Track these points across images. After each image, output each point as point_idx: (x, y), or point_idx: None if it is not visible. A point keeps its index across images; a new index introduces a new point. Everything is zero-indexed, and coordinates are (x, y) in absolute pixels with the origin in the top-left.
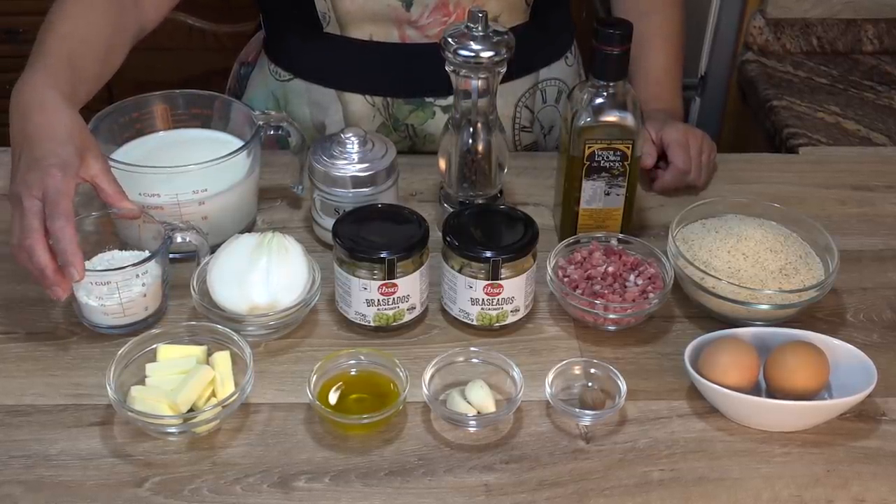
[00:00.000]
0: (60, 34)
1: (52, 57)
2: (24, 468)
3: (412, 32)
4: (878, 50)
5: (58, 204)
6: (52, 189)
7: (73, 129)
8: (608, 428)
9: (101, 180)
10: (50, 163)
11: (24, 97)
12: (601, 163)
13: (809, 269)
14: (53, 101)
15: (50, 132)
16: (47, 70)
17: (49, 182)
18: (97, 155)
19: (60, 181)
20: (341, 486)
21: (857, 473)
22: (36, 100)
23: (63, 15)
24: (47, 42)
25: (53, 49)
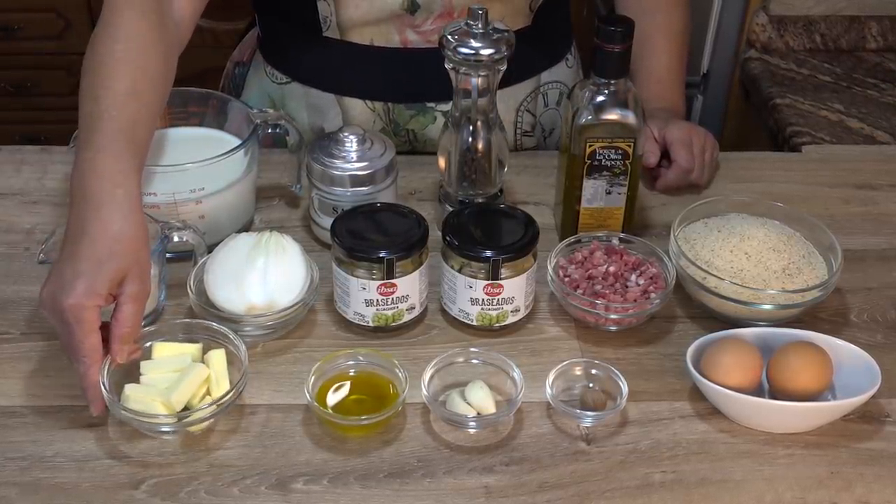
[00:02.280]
0: (121, 94)
1: (116, 131)
2: (19, 470)
3: (414, 37)
4: (882, 47)
5: (79, 345)
6: (72, 320)
7: (126, 242)
8: (609, 429)
9: (123, 307)
10: (79, 271)
11: (90, 184)
12: (602, 161)
13: (813, 268)
14: (119, 202)
15: (101, 242)
16: (115, 152)
17: (71, 311)
18: (138, 275)
19: (83, 310)
20: (340, 487)
21: (861, 475)
22: (104, 192)
23: (118, 62)
24: (105, 104)
25: (116, 118)
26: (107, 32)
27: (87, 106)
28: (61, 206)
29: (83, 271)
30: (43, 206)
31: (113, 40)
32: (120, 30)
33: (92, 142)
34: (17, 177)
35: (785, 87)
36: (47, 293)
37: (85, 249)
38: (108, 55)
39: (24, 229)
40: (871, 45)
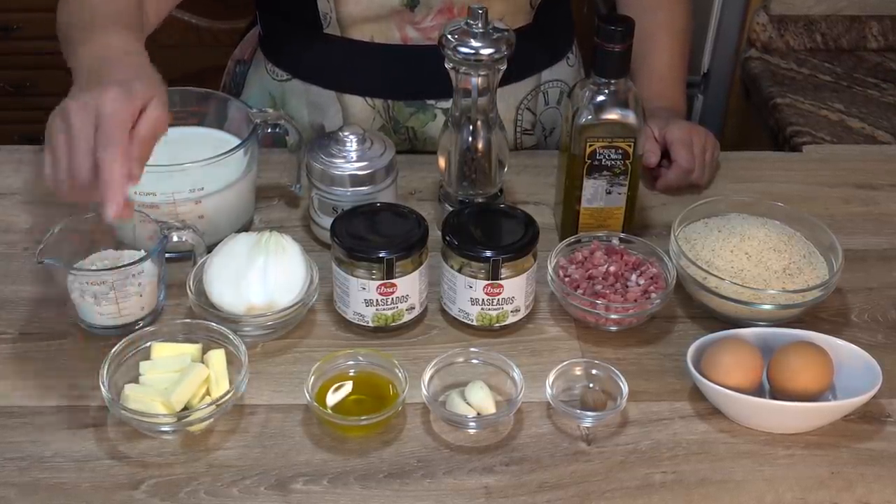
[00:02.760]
0: (94, 4)
1: (108, 21)
2: (18, 470)
3: (414, 34)
4: (883, 47)
5: (115, 130)
6: (108, 111)
7: (151, 72)
8: (609, 429)
9: (142, 126)
10: (112, 80)
11: (96, 46)
12: (602, 161)
13: (813, 268)
14: (134, 47)
15: (125, 66)
16: (115, 29)
17: (106, 103)
18: (163, 103)
19: (120, 103)
20: (340, 488)
21: (862, 475)
22: (114, 43)
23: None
24: (90, 12)
25: (103, 15)
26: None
27: (74, 29)
28: (60, 206)
29: (118, 81)
30: (41, 206)
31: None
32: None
33: (89, 39)
34: (15, 176)
35: (785, 87)
36: (75, 97)
37: (113, 70)
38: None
39: (22, 229)
40: (871, 44)
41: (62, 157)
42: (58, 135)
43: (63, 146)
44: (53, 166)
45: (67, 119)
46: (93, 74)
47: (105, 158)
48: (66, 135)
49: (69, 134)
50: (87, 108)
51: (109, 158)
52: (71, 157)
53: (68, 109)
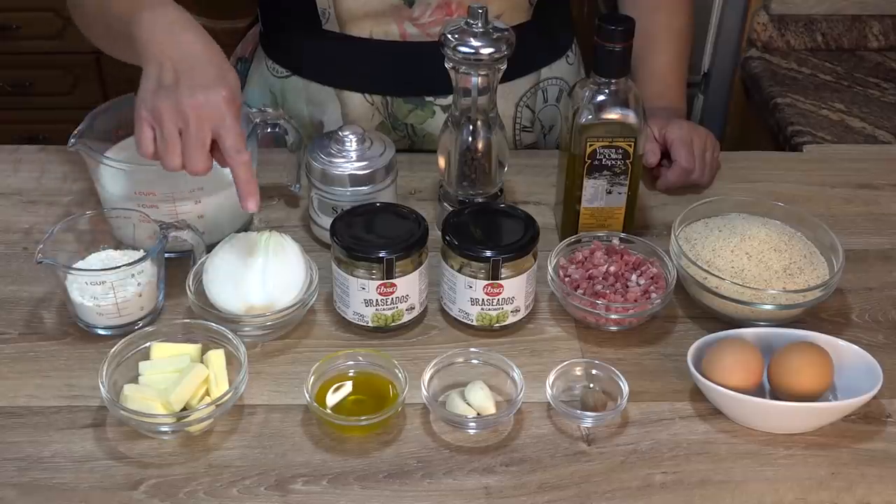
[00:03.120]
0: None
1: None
2: (17, 471)
3: (413, 30)
4: (884, 46)
5: (238, 136)
6: (229, 124)
7: (224, 58)
8: (610, 430)
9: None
10: (223, 91)
11: (161, 19)
12: (603, 161)
13: (814, 268)
14: (199, 27)
15: (210, 55)
16: (168, 1)
17: (227, 116)
18: (239, 98)
19: (234, 115)
20: (339, 488)
21: (863, 476)
22: (179, 20)
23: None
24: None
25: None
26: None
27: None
28: (59, 206)
29: (216, 71)
30: (41, 206)
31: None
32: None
33: (147, 9)
34: (14, 176)
35: (786, 87)
36: (188, 96)
37: (204, 63)
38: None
39: (22, 229)
40: (872, 44)
41: (174, 141)
42: (170, 124)
43: (175, 133)
44: (165, 147)
45: (184, 116)
46: (184, 72)
47: (240, 164)
48: (183, 128)
49: (185, 129)
50: (203, 109)
51: (244, 163)
52: (186, 147)
53: (184, 107)
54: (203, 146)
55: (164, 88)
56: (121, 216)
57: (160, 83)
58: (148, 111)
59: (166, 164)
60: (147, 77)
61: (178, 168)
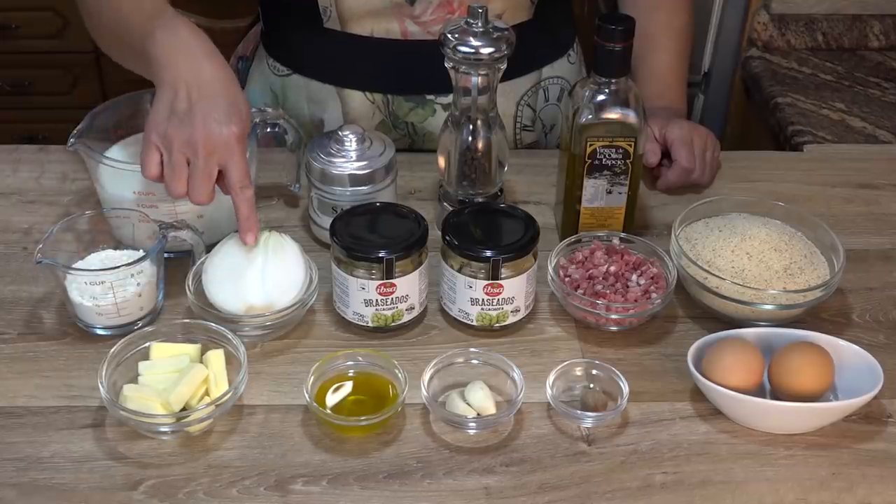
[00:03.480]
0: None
1: (169, 9)
2: (16, 471)
3: (414, 28)
4: (885, 46)
5: (244, 172)
6: (237, 161)
7: (238, 89)
8: (610, 430)
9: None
10: (235, 127)
11: (177, 41)
12: (603, 161)
13: (814, 268)
14: (216, 52)
15: (226, 85)
16: (183, 20)
17: (236, 151)
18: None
19: (241, 152)
20: (339, 488)
21: (863, 476)
22: (196, 42)
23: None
24: (144, 5)
25: (160, 4)
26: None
27: (129, 16)
28: (58, 206)
29: (230, 105)
30: (40, 206)
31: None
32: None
33: (159, 23)
34: (14, 176)
35: (787, 86)
36: (201, 128)
37: (218, 93)
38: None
39: (21, 229)
40: (873, 43)
41: (181, 170)
42: (179, 153)
43: (183, 162)
44: (172, 175)
45: (194, 148)
46: (198, 100)
47: (244, 200)
48: (192, 158)
49: (194, 160)
50: (214, 144)
51: (248, 199)
52: (192, 178)
53: (195, 139)
54: (210, 179)
55: (177, 116)
56: (120, 216)
57: (173, 110)
58: (158, 136)
59: (170, 191)
60: (160, 100)
61: (181, 196)
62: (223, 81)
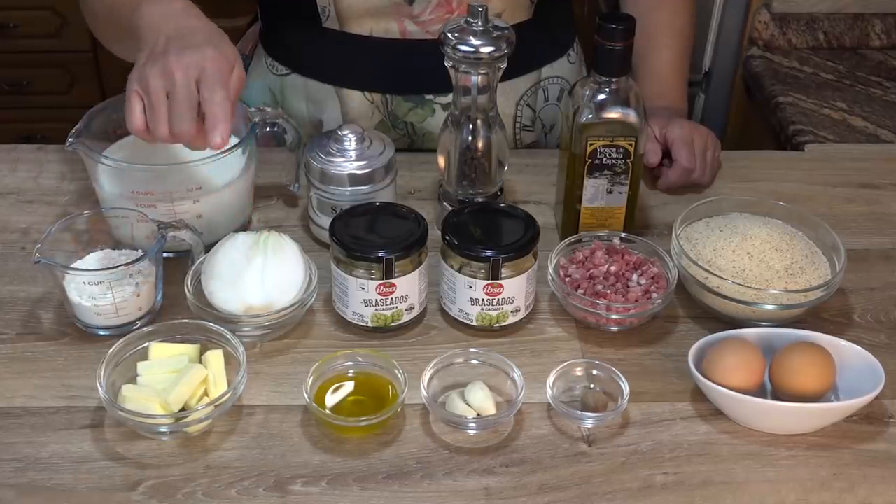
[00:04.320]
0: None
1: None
2: (14, 472)
3: (413, 28)
4: (886, 45)
5: (220, 80)
6: (211, 69)
7: (223, 36)
8: (611, 430)
9: (237, 69)
10: (203, 42)
11: (164, 8)
12: (603, 160)
13: (816, 268)
14: (200, 14)
15: (209, 29)
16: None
17: (208, 65)
18: (240, 66)
19: (220, 63)
20: (338, 489)
21: (865, 477)
22: (185, 9)
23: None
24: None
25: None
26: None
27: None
28: (57, 206)
29: (209, 42)
30: (39, 206)
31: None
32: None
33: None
34: (12, 176)
35: (788, 86)
36: (165, 55)
37: (197, 35)
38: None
39: (19, 228)
40: (874, 42)
41: (160, 107)
42: (157, 88)
43: (162, 97)
44: (153, 114)
45: (170, 76)
46: (175, 39)
47: (214, 100)
48: (170, 88)
49: (172, 89)
50: (189, 67)
51: (219, 99)
52: (173, 108)
53: (170, 67)
54: (189, 105)
55: (152, 57)
56: (119, 216)
57: (150, 55)
58: (136, 82)
59: (155, 133)
60: (140, 53)
61: (166, 137)
62: (204, 26)
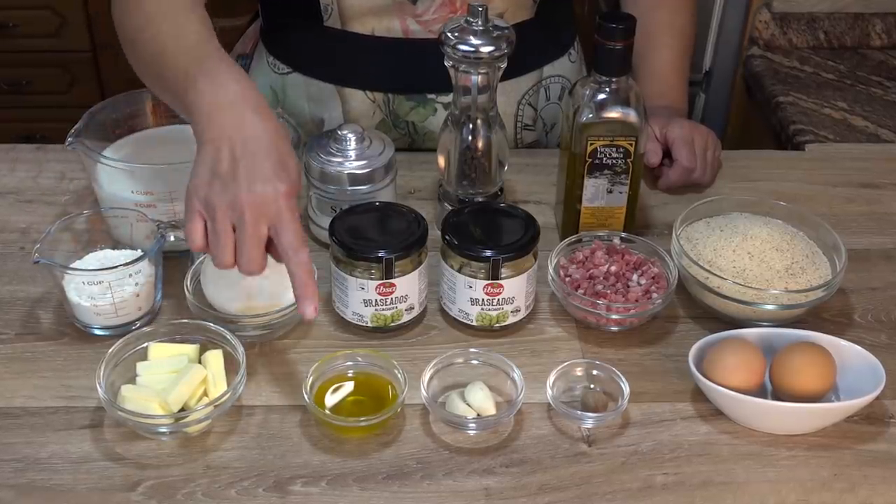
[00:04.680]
0: (195, 31)
1: (214, 50)
2: (14, 472)
3: (415, 27)
4: (887, 45)
5: (295, 229)
6: (286, 213)
7: (287, 144)
8: (611, 431)
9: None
10: (283, 185)
11: (222, 91)
12: (603, 160)
13: (816, 268)
14: (263, 103)
15: (273, 140)
16: (227, 64)
17: (283, 203)
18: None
19: (293, 203)
20: (338, 490)
21: (865, 477)
22: (242, 93)
23: (163, 19)
24: (186, 42)
25: (204, 44)
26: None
27: (166, 59)
28: (56, 206)
29: (277, 162)
30: (38, 206)
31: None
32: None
33: (202, 70)
34: (11, 175)
35: (788, 85)
36: (245, 190)
37: (261, 162)
38: (150, 20)
39: (18, 228)
40: (875, 42)
41: (227, 238)
42: (223, 219)
43: (228, 228)
44: (217, 242)
45: (240, 213)
46: (242, 158)
47: (299, 264)
48: (238, 224)
49: (241, 227)
50: (261, 206)
51: (303, 263)
52: (241, 247)
53: (241, 203)
54: (258, 244)
55: (220, 178)
56: (118, 215)
57: (215, 172)
58: (201, 202)
59: (217, 261)
60: (201, 162)
61: (229, 265)
62: (269, 137)
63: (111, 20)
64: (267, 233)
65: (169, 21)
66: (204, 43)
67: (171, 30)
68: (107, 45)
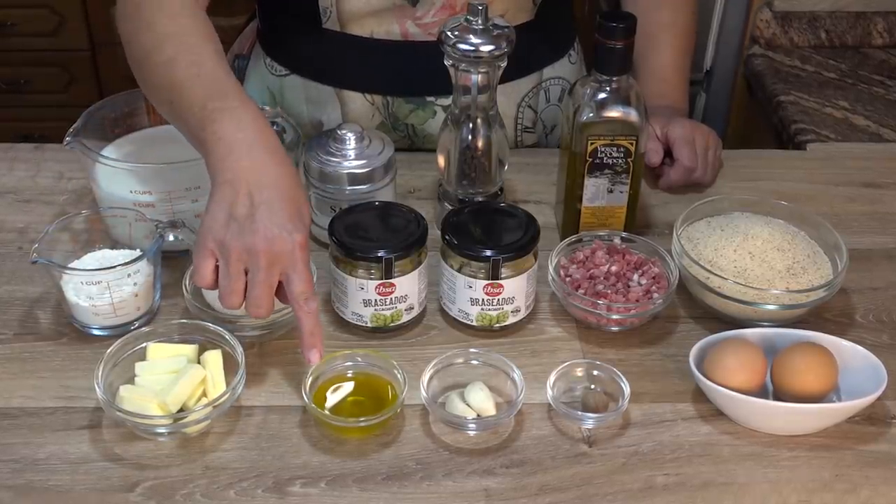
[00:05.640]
0: (211, 59)
1: (232, 86)
2: (11, 473)
3: (415, 30)
4: (888, 44)
5: (308, 283)
6: (300, 264)
7: (302, 191)
8: (611, 431)
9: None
10: (298, 235)
11: (240, 134)
12: (604, 159)
13: (818, 268)
14: (278, 145)
15: (289, 187)
16: (245, 102)
17: (298, 255)
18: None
19: (306, 254)
20: (338, 490)
21: (867, 478)
22: (260, 136)
23: (178, 43)
24: (203, 73)
25: (223, 79)
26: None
27: (181, 88)
28: (55, 205)
29: (294, 211)
30: (36, 205)
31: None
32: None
33: (218, 105)
34: (9, 175)
35: (789, 84)
36: (262, 236)
37: (278, 205)
38: (166, 41)
39: (17, 228)
40: (876, 41)
41: (238, 282)
42: (236, 262)
43: (241, 272)
44: (227, 284)
45: (255, 259)
46: (259, 204)
47: (307, 313)
48: (251, 268)
49: (254, 272)
50: (276, 254)
51: (311, 312)
52: (252, 291)
53: (256, 248)
54: (270, 290)
55: (237, 221)
56: (117, 215)
57: (232, 214)
58: (215, 242)
59: (226, 302)
60: (218, 202)
61: (237, 307)
62: (287, 183)
63: (110, 19)
64: (278, 280)
65: (184, 48)
66: (223, 77)
67: (186, 57)
68: (105, 44)
